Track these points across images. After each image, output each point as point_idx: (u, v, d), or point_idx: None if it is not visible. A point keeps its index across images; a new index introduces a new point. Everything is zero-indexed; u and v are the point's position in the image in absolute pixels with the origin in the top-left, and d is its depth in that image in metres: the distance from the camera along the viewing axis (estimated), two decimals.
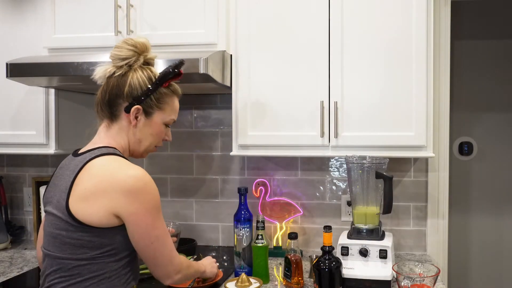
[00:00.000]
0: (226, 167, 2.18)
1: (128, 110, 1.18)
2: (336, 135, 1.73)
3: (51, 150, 1.94)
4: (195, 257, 1.75)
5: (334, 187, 2.10)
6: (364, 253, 1.60)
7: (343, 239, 1.67)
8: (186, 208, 2.22)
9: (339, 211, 2.10)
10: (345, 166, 2.07)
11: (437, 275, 1.35)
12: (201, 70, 1.56)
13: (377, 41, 1.71)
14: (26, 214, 2.36)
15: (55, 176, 1.19)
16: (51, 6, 1.87)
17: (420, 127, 1.69)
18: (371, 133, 1.72)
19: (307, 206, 2.12)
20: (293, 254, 1.61)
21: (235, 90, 1.81)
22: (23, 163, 2.36)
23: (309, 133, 1.75)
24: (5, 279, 1.74)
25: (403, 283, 1.34)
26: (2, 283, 1.70)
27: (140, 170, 1.12)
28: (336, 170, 2.10)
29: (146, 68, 1.21)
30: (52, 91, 1.94)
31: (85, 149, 1.18)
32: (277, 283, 1.69)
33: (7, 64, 1.69)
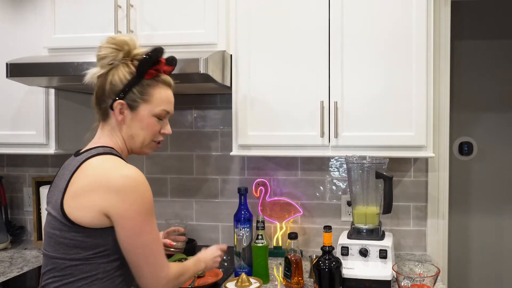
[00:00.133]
0: (226, 167, 2.18)
1: (112, 107, 1.17)
2: (336, 135, 1.73)
3: (51, 150, 1.94)
4: None
5: (334, 187, 2.10)
6: (364, 253, 1.60)
7: (343, 239, 1.67)
8: (186, 208, 2.22)
9: (339, 211, 2.10)
10: (345, 166, 2.07)
11: (437, 275, 1.35)
12: (201, 70, 1.56)
13: (377, 41, 1.71)
14: (26, 214, 2.36)
15: (57, 176, 1.19)
16: (51, 6, 1.87)
17: (420, 127, 1.69)
18: (371, 133, 1.72)
19: (307, 206, 2.11)
20: (293, 254, 1.61)
21: (235, 90, 1.81)
22: (23, 163, 2.36)
23: (309, 133, 1.75)
24: (5, 279, 1.74)
25: (403, 283, 1.34)
26: (2, 283, 1.70)
27: (134, 170, 1.09)
28: (336, 170, 2.10)
29: (130, 64, 1.17)
30: (52, 91, 1.94)
31: (84, 149, 1.19)
32: (277, 283, 1.69)
33: (7, 64, 1.69)
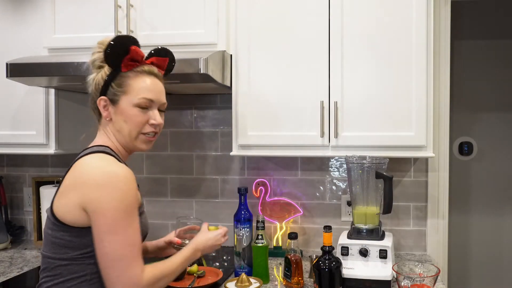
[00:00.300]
0: (226, 167, 2.18)
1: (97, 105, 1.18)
2: (336, 135, 1.73)
3: (51, 150, 1.94)
4: None
5: (334, 187, 2.10)
6: (364, 253, 1.60)
7: (343, 239, 1.67)
8: (186, 208, 2.21)
9: (339, 211, 2.10)
10: (345, 166, 2.07)
11: (437, 275, 1.35)
12: (201, 70, 1.56)
13: (377, 41, 1.71)
14: (26, 214, 2.36)
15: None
16: (51, 6, 1.87)
17: (420, 127, 1.69)
18: (371, 133, 1.72)
19: (307, 206, 2.11)
20: (293, 254, 1.61)
21: (235, 90, 1.81)
22: (23, 163, 2.36)
23: (309, 133, 1.75)
24: (5, 279, 1.74)
25: (403, 283, 1.34)
26: (2, 283, 1.70)
27: (121, 168, 1.06)
28: (336, 170, 2.10)
29: None
30: (52, 91, 1.94)
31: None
32: (277, 283, 1.69)
33: (7, 64, 1.69)
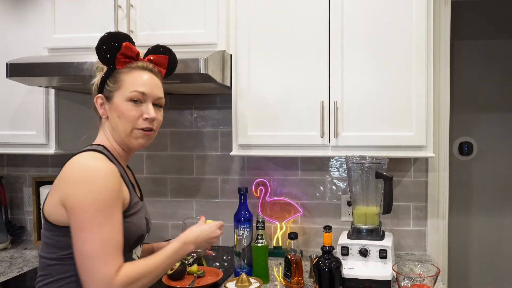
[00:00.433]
0: (226, 167, 2.18)
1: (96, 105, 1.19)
2: (336, 135, 1.73)
3: (51, 150, 1.94)
4: (194, 256, 1.55)
5: (334, 187, 2.10)
6: (364, 253, 1.60)
7: (343, 239, 1.67)
8: (186, 208, 2.21)
9: (339, 211, 2.10)
10: (345, 166, 2.07)
11: (437, 275, 1.35)
12: (201, 70, 1.56)
13: (377, 41, 1.71)
14: (26, 214, 2.36)
15: None
16: (51, 6, 1.87)
17: (420, 127, 1.69)
18: (371, 133, 1.72)
19: (307, 206, 2.11)
20: (293, 254, 1.61)
21: (235, 90, 1.81)
22: (23, 163, 2.36)
23: (309, 133, 1.75)
24: (5, 279, 1.74)
25: (403, 283, 1.34)
26: (2, 283, 1.70)
27: (101, 163, 1.04)
28: (336, 170, 2.10)
29: None
30: (52, 91, 1.94)
31: None
32: (277, 283, 1.69)
33: (7, 64, 1.69)
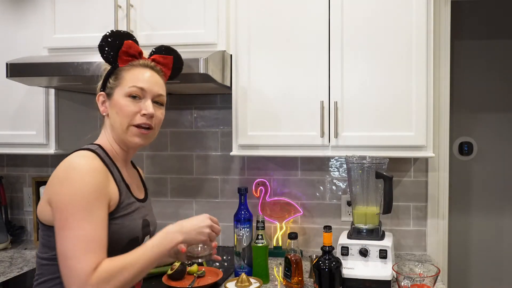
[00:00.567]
0: (226, 167, 2.18)
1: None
2: (336, 135, 1.73)
3: (51, 150, 1.94)
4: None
5: (334, 187, 2.10)
6: (364, 253, 1.60)
7: (343, 239, 1.67)
8: (186, 208, 2.21)
9: (339, 211, 2.10)
10: (345, 166, 2.07)
11: (437, 275, 1.35)
12: (201, 70, 1.56)
13: (377, 41, 1.71)
14: (26, 214, 2.36)
15: None
16: (51, 6, 1.87)
17: (420, 127, 1.69)
18: (371, 133, 1.72)
19: (307, 206, 2.11)
20: (293, 254, 1.61)
21: (235, 90, 1.81)
22: (23, 163, 2.36)
23: (309, 133, 1.75)
24: (5, 279, 1.74)
25: (403, 283, 1.34)
26: (2, 283, 1.70)
27: (84, 160, 1.02)
28: (336, 170, 2.10)
29: None
30: (52, 91, 1.94)
31: None
32: (277, 283, 1.69)
33: (7, 64, 1.69)
